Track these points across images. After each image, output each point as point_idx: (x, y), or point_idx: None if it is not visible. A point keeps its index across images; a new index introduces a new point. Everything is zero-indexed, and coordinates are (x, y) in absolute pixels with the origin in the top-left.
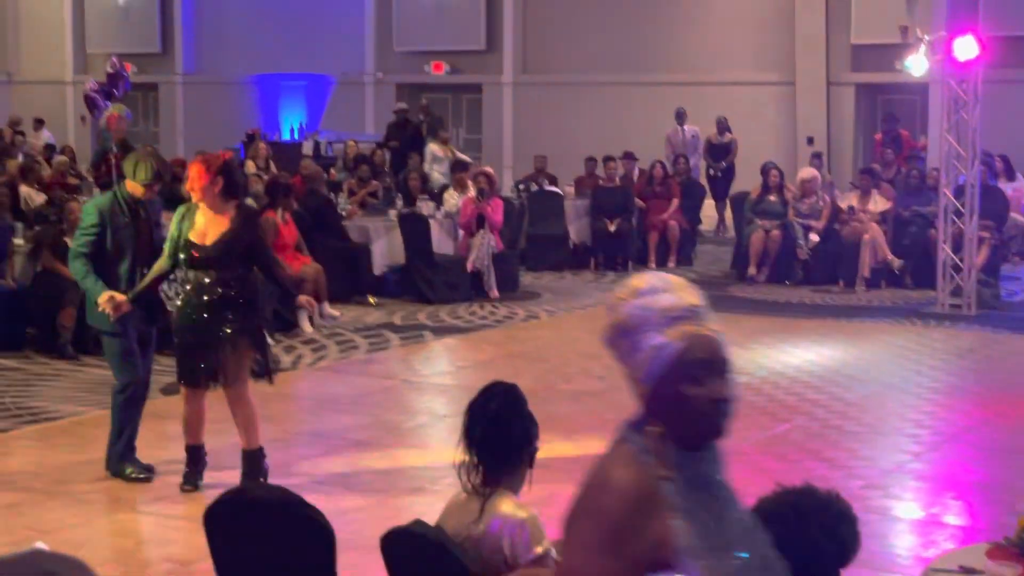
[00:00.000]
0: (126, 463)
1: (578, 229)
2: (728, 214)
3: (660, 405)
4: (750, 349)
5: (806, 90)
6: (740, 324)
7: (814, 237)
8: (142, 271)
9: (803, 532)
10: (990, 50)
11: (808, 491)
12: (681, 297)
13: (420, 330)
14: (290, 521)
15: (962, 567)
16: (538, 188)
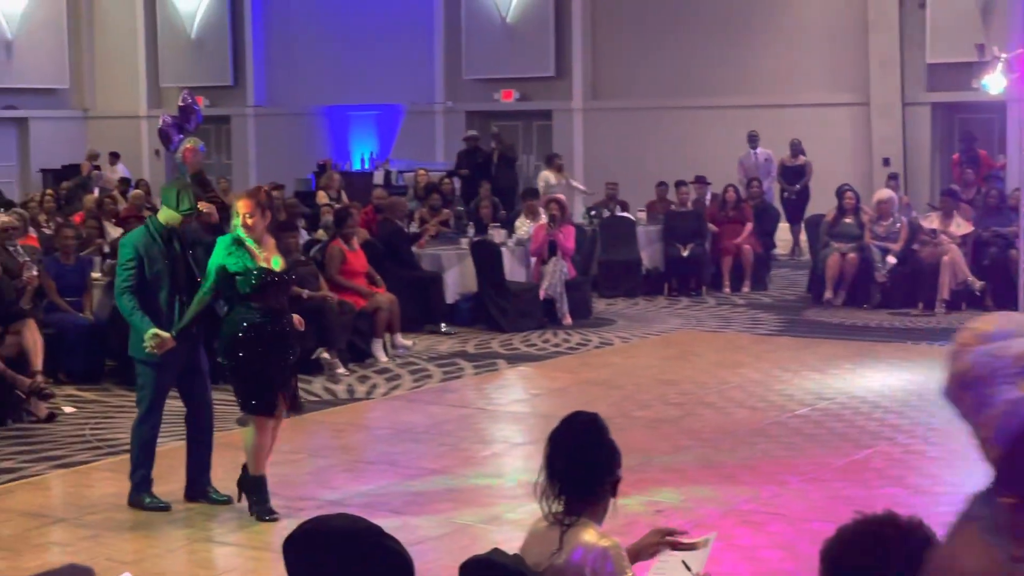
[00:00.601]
0: (144, 493)
1: (651, 255)
2: (803, 237)
3: (1017, 472)
4: (828, 374)
5: (881, 110)
6: (817, 349)
7: (891, 259)
8: (181, 300)
9: (886, 562)
10: None
11: (890, 519)
12: None
13: (493, 358)
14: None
15: None
16: (610, 214)
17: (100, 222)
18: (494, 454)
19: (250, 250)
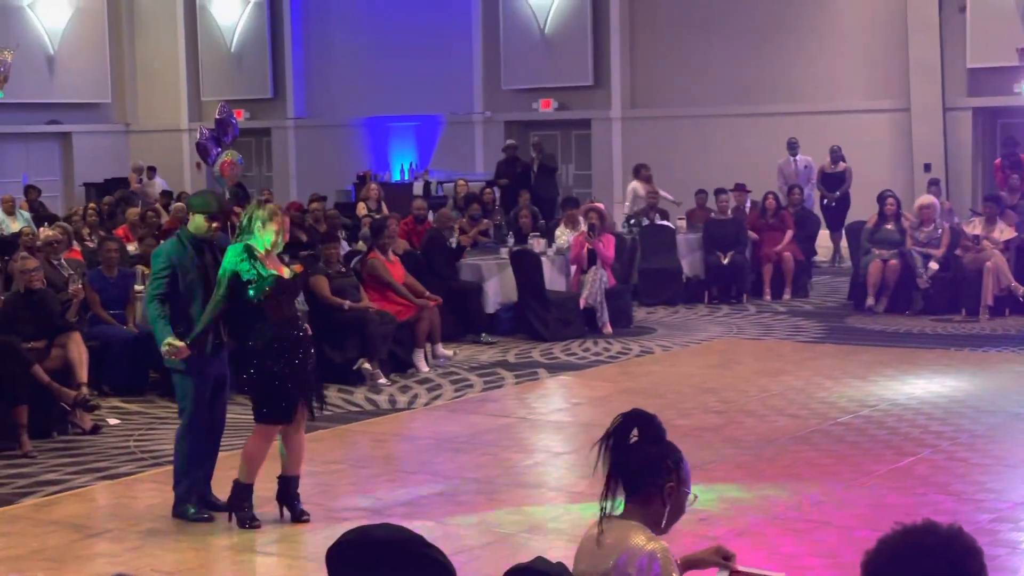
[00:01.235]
0: (188, 504)
1: (691, 263)
2: (844, 244)
3: None
4: (871, 381)
5: (921, 116)
6: (859, 355)
7: (934, 265)
8: None
9: (928, 572)
10: None
11: (930, 528)
12: None
13: (534, 367)
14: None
15: None
16: (649, 222)
17: (159, 240)
18: (536, 463)
19: (262, 259)
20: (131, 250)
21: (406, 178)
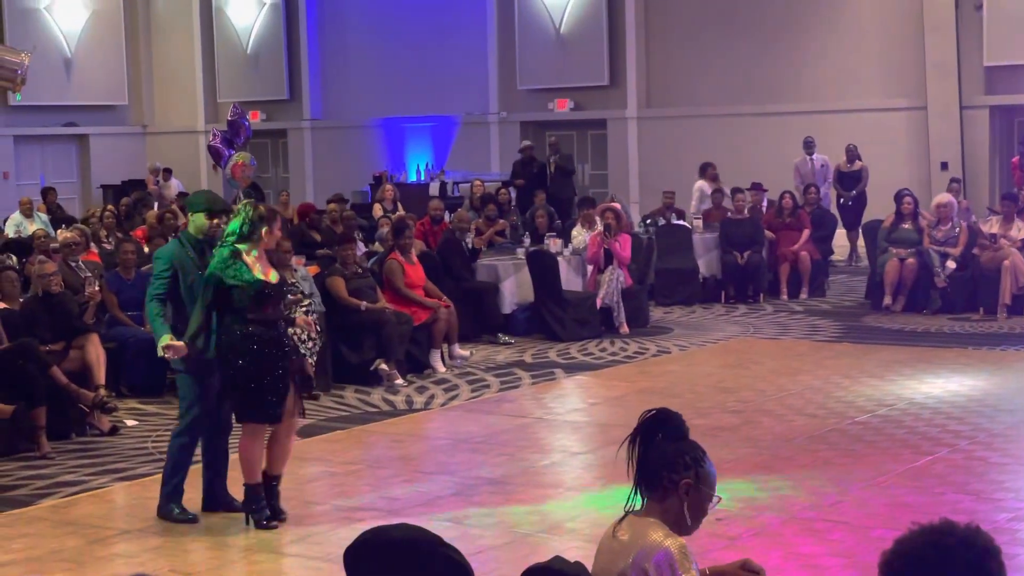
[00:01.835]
0: (174, 504)
1: (707, 262)
2: (860, 243)
3: None
4: (889, 380)
5: (938, 114)
6: (877, 355)
7: (951, 264)
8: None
9: (946, 572)
10: None
11: (948, 527)
12: None
13: (551, 368)
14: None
15: None
16: (666, 222)
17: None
18: (553, 463)
19: (247, 263)
20: (148, 251)
21: (422, 179)
